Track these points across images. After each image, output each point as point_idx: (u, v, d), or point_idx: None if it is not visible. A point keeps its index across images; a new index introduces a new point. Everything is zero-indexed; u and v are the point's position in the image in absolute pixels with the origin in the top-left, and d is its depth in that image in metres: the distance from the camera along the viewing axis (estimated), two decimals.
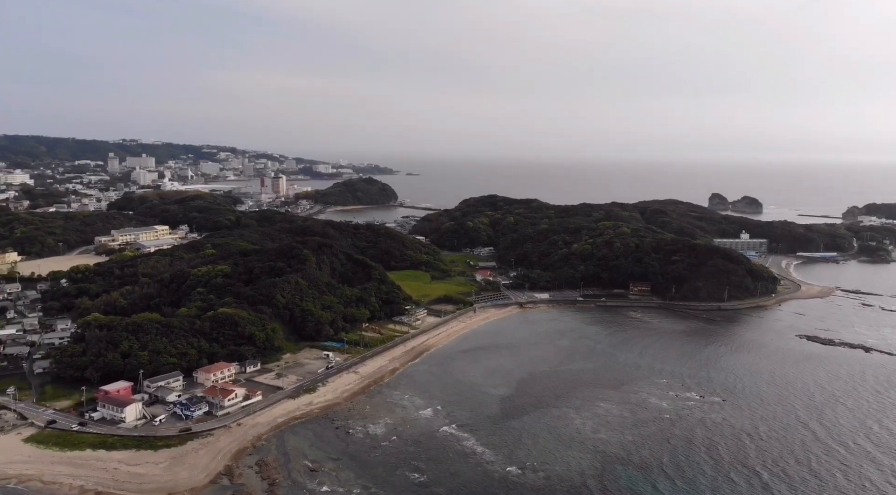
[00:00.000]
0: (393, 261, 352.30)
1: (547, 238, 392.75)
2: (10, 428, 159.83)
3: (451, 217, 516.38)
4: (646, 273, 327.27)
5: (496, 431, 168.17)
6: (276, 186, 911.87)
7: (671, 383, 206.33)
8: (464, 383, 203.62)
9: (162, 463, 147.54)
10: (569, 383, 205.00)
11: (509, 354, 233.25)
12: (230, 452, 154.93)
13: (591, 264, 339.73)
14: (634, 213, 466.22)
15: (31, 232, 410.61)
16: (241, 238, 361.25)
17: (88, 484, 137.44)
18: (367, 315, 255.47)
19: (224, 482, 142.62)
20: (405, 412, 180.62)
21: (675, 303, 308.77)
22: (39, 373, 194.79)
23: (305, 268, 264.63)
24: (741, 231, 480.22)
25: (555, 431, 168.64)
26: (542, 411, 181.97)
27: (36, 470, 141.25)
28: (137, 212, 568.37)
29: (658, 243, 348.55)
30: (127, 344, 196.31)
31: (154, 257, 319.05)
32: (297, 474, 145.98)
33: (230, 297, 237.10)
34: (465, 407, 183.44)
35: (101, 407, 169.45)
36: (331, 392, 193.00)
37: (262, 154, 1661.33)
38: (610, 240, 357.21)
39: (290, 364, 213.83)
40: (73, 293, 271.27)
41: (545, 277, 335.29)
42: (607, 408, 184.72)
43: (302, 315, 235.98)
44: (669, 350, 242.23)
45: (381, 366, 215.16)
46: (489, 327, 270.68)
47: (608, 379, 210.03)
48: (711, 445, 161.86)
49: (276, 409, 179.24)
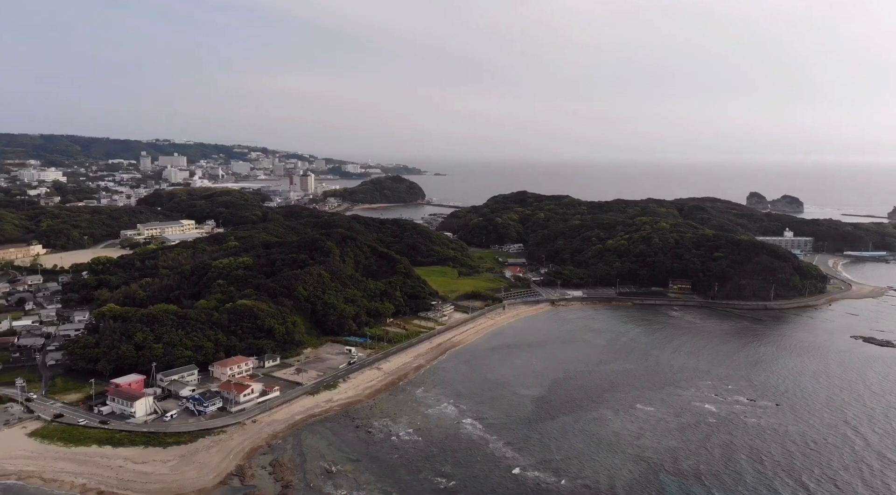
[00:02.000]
0: (419, 256, 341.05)
1: (580, 234, 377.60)
2: (16, 421, 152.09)
3: (479, 213, 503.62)
4: (686, 270, 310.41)
5: (528, 434, 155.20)
6: (304, 184, 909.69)
7: (717, 385, 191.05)
8: (493, 382, 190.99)
9: (170, 462, 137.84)
10: (606, 384, 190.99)
11: (541, 353, 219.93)
12: (243, 451, 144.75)
13: (628, 260, 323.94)
14: (672, 210, 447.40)
15: (57, 225, 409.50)
16: (265, 231, 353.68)
17: (91, 482, 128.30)
18: (391, 309, 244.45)
19: (235, 483, 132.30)
20: (430, 411, 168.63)
21: (717, 302, 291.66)
22: (52, 365, 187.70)
23: (329, 261, 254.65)
24: (784, 229, 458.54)
25: (592, 435, 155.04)
26: (578, 413, 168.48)
27: (37, 467, 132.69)
28: (165, 207, 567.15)
29: (699, 239, 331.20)
30: (141, 335, 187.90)
31: (175, 249, 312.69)
32: (313, 476, 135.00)
33: (250, 289, 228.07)
34: (495, 408, 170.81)
35: (111, 401, 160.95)
36: (352, 388, 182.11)
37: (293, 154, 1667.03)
38: (647, 235, 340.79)
39: (311, 359, 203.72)
40: (92, 285, 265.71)
41: (578, 274, 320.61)
42: (648, 411, 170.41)
43: (324, 308, 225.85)
44: (713, 350, 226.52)
45: (405, 363, 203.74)
46: (519, 324, 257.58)
47: (648, 380, 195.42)
48: (770, 453, 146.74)
49: (294, 406, 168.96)
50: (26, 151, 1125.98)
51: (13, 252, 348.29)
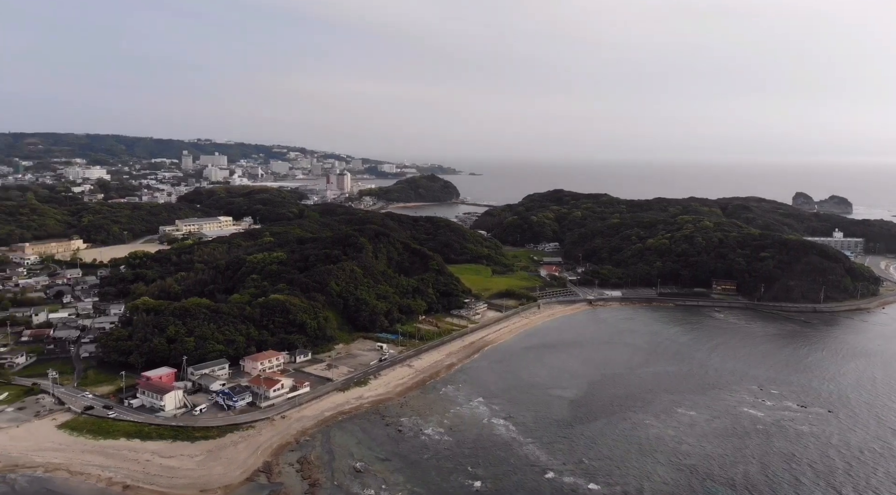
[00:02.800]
0: (453, 254, 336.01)
1: (618, 232, 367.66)
2: (46, 412, 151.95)
3: (514, 211, 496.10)
4: (730, 270, 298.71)
5: (564, 437, 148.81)
6: (341, 183, 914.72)
7: (763, 390, 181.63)
8: (527, 383, 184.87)
9: (197, 457, 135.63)
10: (646, 386, 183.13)
11: (578, 354, 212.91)
12: (271, 447, 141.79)
13: (669, 260, 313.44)
14: (715, 209, 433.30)
15: (97, 220, 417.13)
16: (300, 227, 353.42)
17: (117, 476, 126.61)
18: (423, 307, 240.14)
19: (261, 480, 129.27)
20: (462, 411, 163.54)
21: (763, 304, 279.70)
22: (85, 357, 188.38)
23: (361, 257, 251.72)
24: (833, 229, 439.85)
25: (632, 440, 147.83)
26: (616, 416, 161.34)
27: (64, 459, 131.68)
28: (204, 204, 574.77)
29: (744, 238, 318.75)
30: (173, 329, 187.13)
31: (211, 244, 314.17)
32: (341, 475, 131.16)
33: (283, 284, 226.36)
34: (529, 409, 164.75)
35: (141, 394, 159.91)
36: (382, 386, 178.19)
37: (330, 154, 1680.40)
38: (690, 234, 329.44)
39: (342, 354, 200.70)
40: (129, 278, 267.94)
41: (617, 273, 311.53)
42: (692, 416, 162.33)
43: (356, 304, 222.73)
44: (761, 354, 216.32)
45: (436, 361, 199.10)
46: (555, 324, 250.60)
47: (692, 383, 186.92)
48: (824, 463, 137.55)
49: (324, 402, 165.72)
50: (72, 150, 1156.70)
51: (54, 246, 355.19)
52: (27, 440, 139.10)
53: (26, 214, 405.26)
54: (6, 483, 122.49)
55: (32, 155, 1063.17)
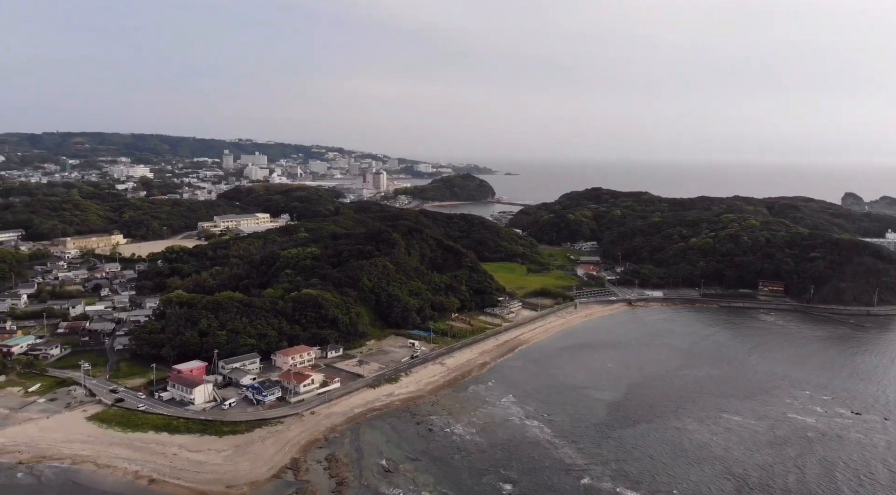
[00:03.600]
0: (487, 251, 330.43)
1: (660, 231, 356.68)
2: (77, 404, 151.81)
3: (550, 210, 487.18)
4: (778, 271, 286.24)
5: (602, 441, 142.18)
6: (377, 182, 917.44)
7: (815, 396, 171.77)
8: (563, 384, 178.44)
9: (224, 452, 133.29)
10: (690, 390, 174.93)
11: (617, 355, 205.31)
12: (299, 444, 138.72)
13: (713, 260, 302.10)
14: (761, 208, 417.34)
15: (138, 216, 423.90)
16: (334, 224, 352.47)
17: (144, 469, 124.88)
18: (456, 304, 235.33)
19: (288, 477, 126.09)
20: (494, 411, 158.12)
21: (813, 306, 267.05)
22: (119, 350, 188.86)
23: (394, 253, 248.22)
24: (887, 230, 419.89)
25: (675, 446, 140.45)
26: (657, 421, 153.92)
27: (92, 451, 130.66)
28: (243, 202, 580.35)
29: (793, 238, 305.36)
30: (206, 322, 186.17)
31: (247, 240, 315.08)
32: (370, 474, 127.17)
33: (316, 278, 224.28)
34: (565, 411, 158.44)
35: (171, 388, 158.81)
36: (414, 383, 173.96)
37: (368, 154, 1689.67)
38: (735, 233, 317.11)
39: (374, 351, 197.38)
40: (165, 272, 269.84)
41: (658, 273, 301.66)
42: (739, 422, 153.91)
43: (388, 300, 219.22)
44: (811, 358, 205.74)
45: (469, 359, 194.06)
46: (592, 324, 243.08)
47: (738, 387, 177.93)
48: (882, 474, 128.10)
49: (354, 398, 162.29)
50: (118, 149, 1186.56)
51: (95, 241, 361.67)
52: (56, 431, 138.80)
53: (69, 210, 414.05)
54: (33, 474, 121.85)
55: (79, 154, 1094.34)
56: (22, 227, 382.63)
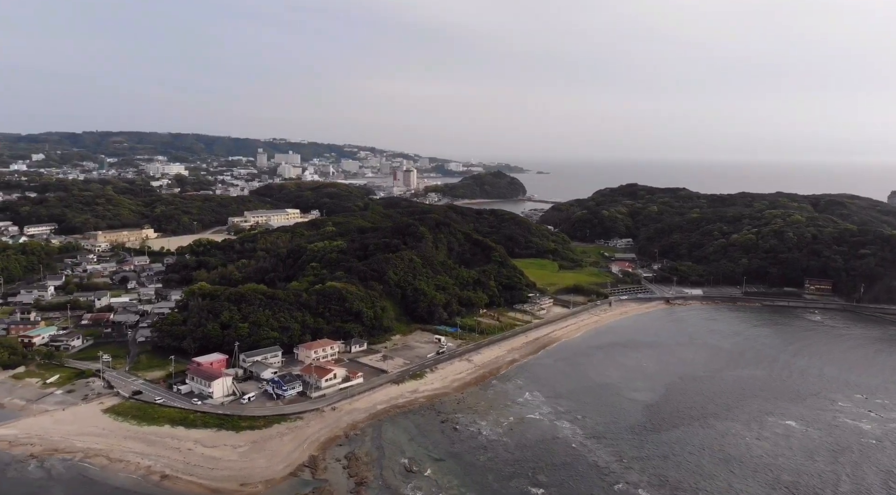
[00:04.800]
0: (517, 247, 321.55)
1: (699, 228, 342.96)
2: (94, 396, 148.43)
3: (583, 206, 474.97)
4: (825, 268, 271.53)
5: (639, 445, 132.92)
6: (407, 179, 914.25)
7: (870, 400, 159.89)
8: (597, 383, 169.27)
9: (241, 448, 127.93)
10: (733, 392, 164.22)
11: (654, 354, 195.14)
12: (318, 441, 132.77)
13: (756, 257, 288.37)
14: (805, 205, 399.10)
15: (169, 211, 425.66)
16: (362, 218, 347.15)
17: (157, 465, 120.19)
18: (484, 299, 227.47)
19: (305, 475, 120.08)
20: (523, 410, 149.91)
21: (863, 306, 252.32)
22: (141, 342, 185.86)
23: (421, 246, 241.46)
24: None
25: (720, 451, 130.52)
26: (698, 424, 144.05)
27: (105, 445, 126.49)
28: (275, 198, 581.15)
29: (841, 234, 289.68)
30: (228, 314, 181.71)
31: (274, 233, 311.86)
32: (391, 474, 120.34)
33: (341, 271, 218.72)
34: (599, 412, 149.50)
35: (190, 380, 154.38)
36: (439, 380, 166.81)
37: (399, 153, 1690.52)
38: (780, 229, 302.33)
39: (399, 346, 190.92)
40: (192, 265, 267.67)
41: (697, 271, 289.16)
42: (788, 426, 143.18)
43: (414, 294, 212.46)
44: (863, 360, 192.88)
45: (497, 356, 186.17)
46: (628, 322, 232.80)
47: (785, 389, 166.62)
48: None
49: (378, 394, 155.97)
50: (155, 148, 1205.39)
51: (126, 235, 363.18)
52: (71, 424, 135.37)
53: (102, 204, 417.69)
54: (43, 468, 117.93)
55: (117, 152, 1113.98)
56: (55, 222, 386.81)
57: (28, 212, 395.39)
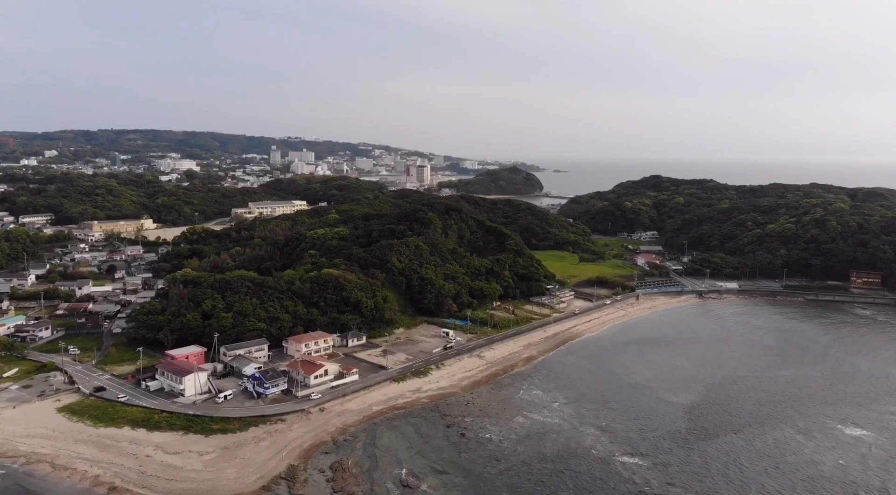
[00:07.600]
0: (534, 239, 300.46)
1: (730, 218, 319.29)
2: (52, 392, 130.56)
3: (604, 198, 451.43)
4: (873, 260, 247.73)
5: (681, 456, 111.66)
6: (420, 175, 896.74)
7: None
8: (626, 384, 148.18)
9: (208, 454, 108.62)
10: (785, 394, 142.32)
11: (689, 351, 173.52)
12: (300, 447, 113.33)
13: (796, 248, 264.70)
14: (841, 195, 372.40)
15: (170, 202, 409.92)
16: (368, 206, 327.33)
17: (106, 474, 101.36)
18: (498, 291, 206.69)
19: (281, 489, 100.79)
20: (542, 414, 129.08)
21: None
22: (116, 333, 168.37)
23: (429, 233, 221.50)
24: None
25: (773, 463, 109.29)
26: (750, 432, 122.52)
27: (53, 449, 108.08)
28: (283, 191, 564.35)
29: (889, 223, 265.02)
30: (210, 302, 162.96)
31: (274, 221, 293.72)
32: (383, 489, 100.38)
33: (340, 258, 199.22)
34: (629, 417, 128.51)
35: (160, 376, 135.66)
36: (446, 377, 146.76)
37: (414, 152, 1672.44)
38: (821, 217, 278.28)
39: (402, 340, 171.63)
40: (184, 254, 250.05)
41: (732, 263, 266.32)
42: (855, 434, 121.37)
43: (420, 283, 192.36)
44: None
45: (512, 352, 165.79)
46: (658, 317, 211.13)
47: (844, 392, 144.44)
48: None
49: (374, 393, 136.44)
50: (169, 145, 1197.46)
51: (123, 225, 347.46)
52: (19, 424, 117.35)
53: (102, 195, 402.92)
54: None
55: (131, 149, 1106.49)
56: (52, 212, 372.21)
57: (25, 202, 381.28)
